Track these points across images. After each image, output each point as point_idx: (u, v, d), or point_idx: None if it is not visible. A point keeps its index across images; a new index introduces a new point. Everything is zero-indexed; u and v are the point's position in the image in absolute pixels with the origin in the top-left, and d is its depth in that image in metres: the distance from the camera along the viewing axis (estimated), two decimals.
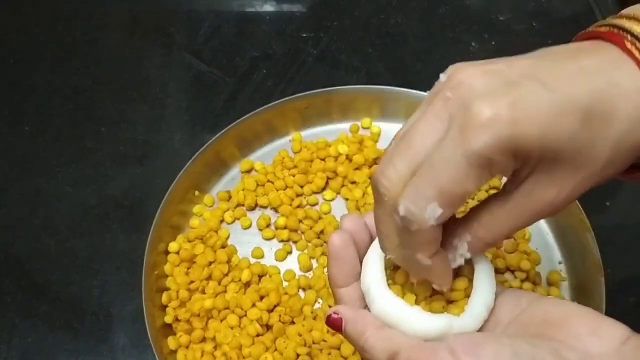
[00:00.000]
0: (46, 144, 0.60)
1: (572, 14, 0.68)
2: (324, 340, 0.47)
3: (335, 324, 0.31)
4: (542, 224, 0.54)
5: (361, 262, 0.32)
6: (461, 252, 0.29)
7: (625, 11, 0.28)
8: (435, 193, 0.25)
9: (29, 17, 0.69)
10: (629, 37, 0.26)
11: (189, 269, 0.51)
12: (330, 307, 0.50)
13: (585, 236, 0.49)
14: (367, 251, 0.32)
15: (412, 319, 0.29)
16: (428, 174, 0.25)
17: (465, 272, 0.31)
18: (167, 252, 0.52)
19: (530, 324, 0.29)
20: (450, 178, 0.25)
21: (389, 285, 0.31)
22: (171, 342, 0.48)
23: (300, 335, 0.48)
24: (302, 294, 0.51)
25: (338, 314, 0.31)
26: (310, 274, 0.52)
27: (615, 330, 0.27)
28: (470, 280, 0.30)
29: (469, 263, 0.30)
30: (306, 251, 0.53)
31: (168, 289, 0.50)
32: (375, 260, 0.31)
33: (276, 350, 0.47)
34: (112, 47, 0.67)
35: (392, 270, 0.31)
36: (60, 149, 0.59)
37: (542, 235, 0.53)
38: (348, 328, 0.30)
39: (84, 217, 0.56)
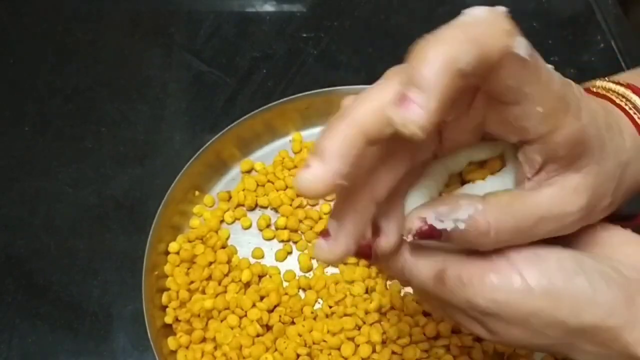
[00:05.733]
0: (46, 144, 0.60)
1: (572, 14, 0.68)
2: (324, 341, 0.47)
3: (364, 253, 0.27)
4: None
5: None
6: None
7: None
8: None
9: (29, 17, 0.69)
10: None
11: (188, 269, 0.51)
12: (330, 306, 0.49)
13: None
14: None
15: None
16: None
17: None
18: (167, 252, 0.52)
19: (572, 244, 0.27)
20: None
21: None
22: (171, 342, 0.48)
23: (300, 335, 0.48)
24: (302, 294, 0.51)
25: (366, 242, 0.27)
26: (310, 274, 0.52)
27: None
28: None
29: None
30: (306, 251, 0.53)
31: (168, 289, 0.50)
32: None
33: (276, 350, 0.47)
34: (112, 47, 0.67)
35: None
36: (60, 149, 0.59)
37: None
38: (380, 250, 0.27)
39: (83, 217, 0.56)
